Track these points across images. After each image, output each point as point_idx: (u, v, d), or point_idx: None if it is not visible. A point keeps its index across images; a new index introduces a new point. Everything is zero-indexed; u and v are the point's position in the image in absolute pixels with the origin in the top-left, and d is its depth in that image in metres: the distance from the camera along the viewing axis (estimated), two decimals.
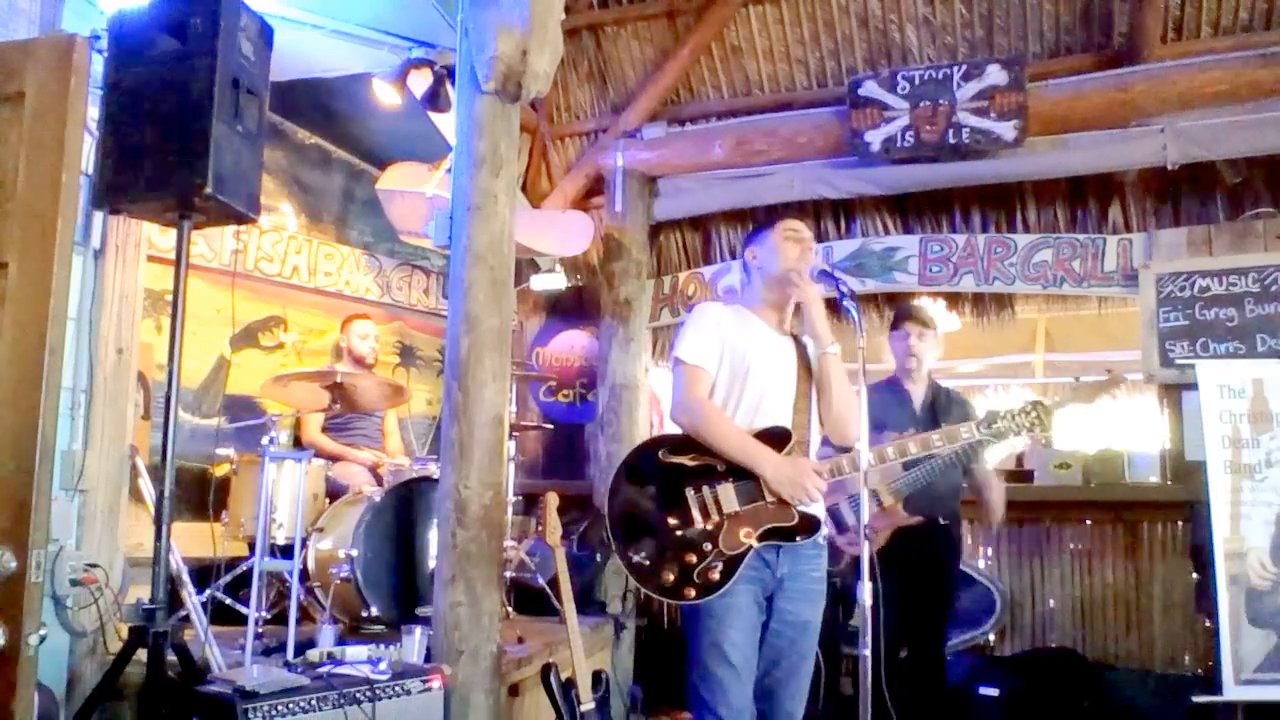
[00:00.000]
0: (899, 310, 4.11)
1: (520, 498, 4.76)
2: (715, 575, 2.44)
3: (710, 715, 2.46)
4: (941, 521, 3.70)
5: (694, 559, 2.45)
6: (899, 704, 3.74)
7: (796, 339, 2.75)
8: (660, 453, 2.59)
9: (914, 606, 3.68)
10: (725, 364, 2.61)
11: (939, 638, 3.84)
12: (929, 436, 2.70)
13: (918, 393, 3.84)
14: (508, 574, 4.16)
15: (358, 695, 2.66)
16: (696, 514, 2.49)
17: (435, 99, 4.32)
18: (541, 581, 4.19)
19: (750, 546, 2.46)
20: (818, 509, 2.57)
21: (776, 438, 2.54)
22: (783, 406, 2.61)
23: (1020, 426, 2.69)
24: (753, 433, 2.55)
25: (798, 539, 2.52)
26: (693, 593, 2.44)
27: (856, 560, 3.59)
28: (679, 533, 2.48)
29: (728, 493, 2.50)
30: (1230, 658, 3.58)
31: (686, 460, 2.55)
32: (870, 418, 3.33)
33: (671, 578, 2.46)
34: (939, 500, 3.68)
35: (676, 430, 2.65)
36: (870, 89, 4.86)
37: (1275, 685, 3.55)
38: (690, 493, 2.50)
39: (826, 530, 2.65)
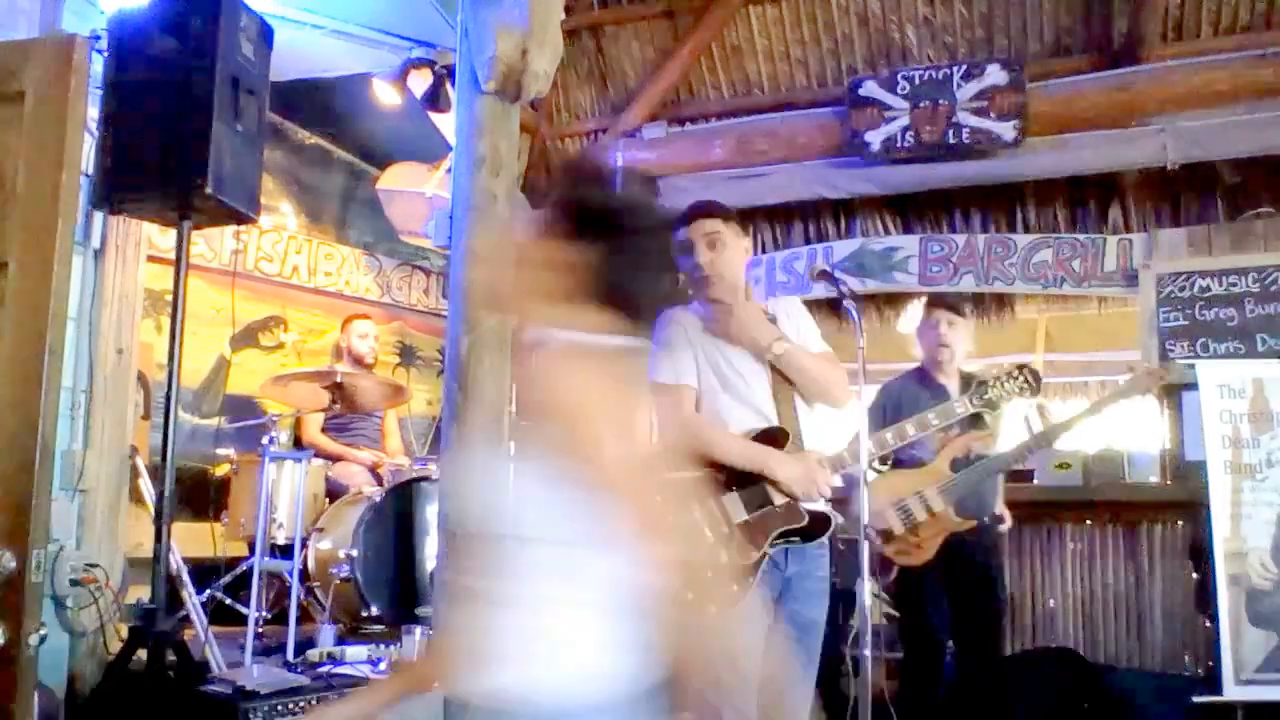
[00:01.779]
0: (930, 297, 3.97)
1: None
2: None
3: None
4: (987, 521, 3.59)
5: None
6: (903, 704, 3.74)
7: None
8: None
9: (969, 611, 3.60)
10: (703, 374, 2.54)
11: (996, 641, 3.73)
12: (925, 417, 2.65)
13: (954, 387, 3.64)
14: None
15: None
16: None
17: (435, 99, 4.32)
18: None
19: (765, 554, 2.42)
20: (825, 506, 2.53)
21: (774, 439, 2.50)
22: (766, 401, 2.55)
23: (1010, 393, 2.65)
24: (752, 436, 2.49)
25: (809, 540, 2.48)
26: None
27: (905, 571, 3.57)
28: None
29: (734, 502, 2.45)
30: (1230, 658, 3.58)
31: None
32: (905, 415, 3.28)
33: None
34: (985, 501, 3.57)
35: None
36: (870, 89, 4.86)
37: (1275, 685, 3.55)
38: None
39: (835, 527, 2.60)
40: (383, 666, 2.80)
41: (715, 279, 2.59)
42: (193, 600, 3.31)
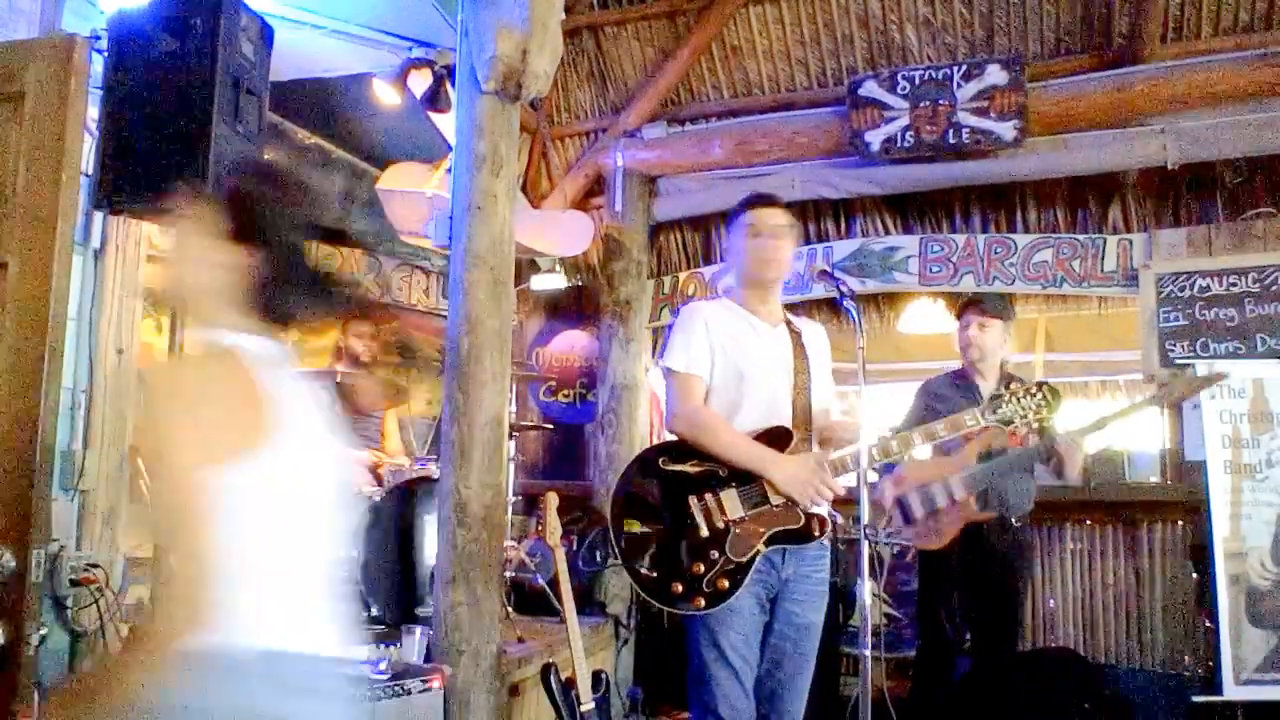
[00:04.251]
0: (965, 299, 3.95)
1: (520, 498, 4.76)
2: (724, 583, 2.40)
3: (711, 717, 2.45)
4: (1015, 523, 3.59)
5: (702, 568, 2.41)
6: (914, 695, 3.74)
7: (789, 324, 2.69)
8: (660, 461, 2.54)
9: (982, 605, 3.63)
10: (719, 367, 2.55)
11: (1007, 638, 3.73)
12: (934, 427, 2.63)
13: (986, 387, 3.63)
14: (508, 574, 4.15)
15: (358, 695, 2.66)
16: (701, 522, 2.44)
17: (435, 99, 4.32)
18: (541, 581, 4.18)
19: (759, 552, 2.43)
20: (824, 509, 2.53)
21: (778, 439, 2.50)
22: (782, 403, 2.56)
23: (1026, 409, 2.59)
24: (755, 434, 2.50)
25: (807, 542, 2.48)
26: (702, 602, 2.40)
27: (924, 554, 3.62)
28: (685, 542, 2.43)
29: (732, 499, 2.46)
30: (1230, 658, 3.58)
31: (688, 468, 2.50)
32: (938, 412, 3.29)
33: (680, 588, 2.42)
34: (1008, 498, 3.57)
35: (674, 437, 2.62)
36: (870, 89, 4.86)
37: (1275, 685, 3.55)
38: (694, 501, 2.46)
39: (830, 527, 2.60)
40: (383, 666, 2.80)
41: (776, 266, 2.63)
42: None
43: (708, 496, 2.47)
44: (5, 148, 1.95)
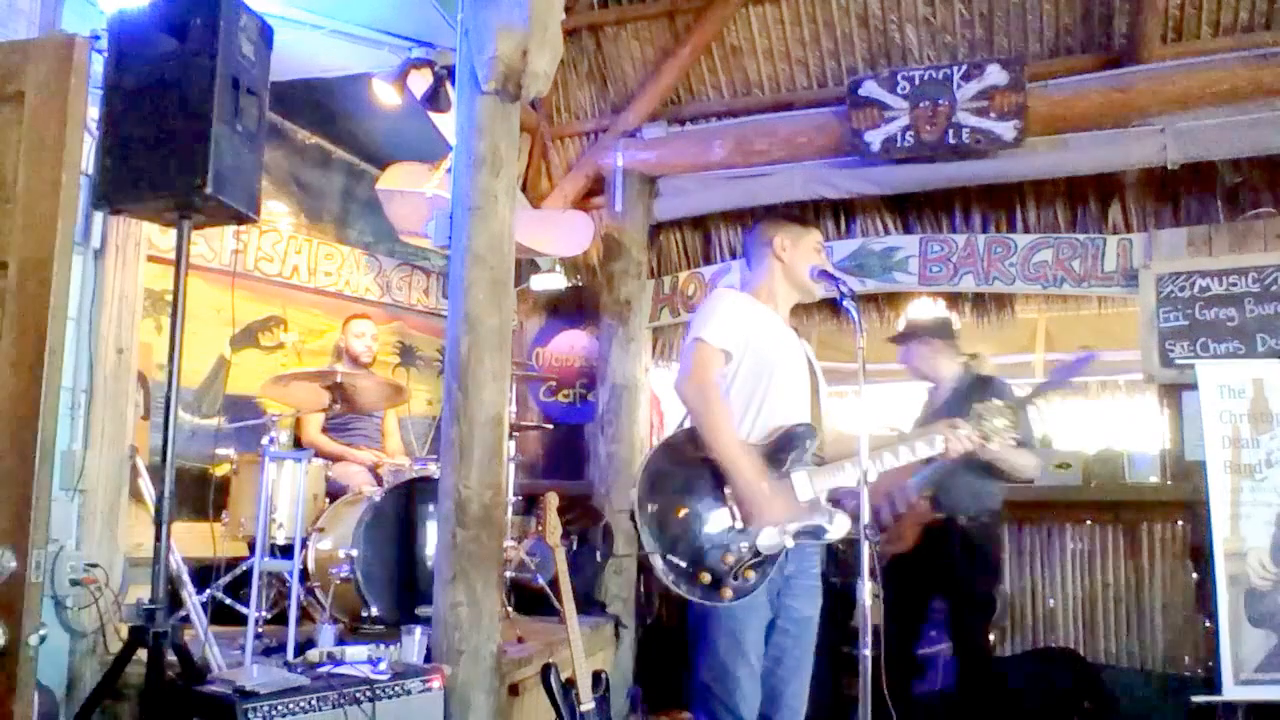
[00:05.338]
0: (901, 328, 4.13)
1: (520, 498, 4.76)
2: (750, 575, 2.41)
3: (727, 713, 2.45)
4: (961, 521, 3.65)
5: (732, 559, 2.40)
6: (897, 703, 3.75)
7: (796, 333, 2.75)
8: (692, 447, 2.51)
9: (951, 612, 3.71)
10: (749, 356, 2.55)
11: (977, 645, 3.76)
12: (934, 436, 2.68)
13: (939, 394, 3.84)
14: (508, 574, 4.16)
15: (358, 695, 2.66)
16: (736, 514, 2.44)
17: (435, 99, 4.32)
18: (541, 581, 4.18)
19: (784, 547, 2.43)
20: (833, 508, 2.54)
21: (800, 436, 2.52)
22: (804, 401, 2.60)
23: (997, 428, 2.67)
24: (781, 430, 2.51)
25: (829, 540, 2.50)
26: (730, 594, 2.39)
27: (894, 561, 3.65)
28: (717, 533, 2.42)
29: None
30: (1230, 658, 3.58)
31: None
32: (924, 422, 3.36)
33: (709, 578, 2.40)
34: (960, 501, 3.63)
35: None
36: (870, 89, 4.86)
37: (1275, 685, 3.55)
38: (728, 491, 2.45)
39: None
40: (383, 666, 2.80)
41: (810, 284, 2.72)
42: (193, 600, 3.30)
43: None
44: (5, 148, 1.95)
